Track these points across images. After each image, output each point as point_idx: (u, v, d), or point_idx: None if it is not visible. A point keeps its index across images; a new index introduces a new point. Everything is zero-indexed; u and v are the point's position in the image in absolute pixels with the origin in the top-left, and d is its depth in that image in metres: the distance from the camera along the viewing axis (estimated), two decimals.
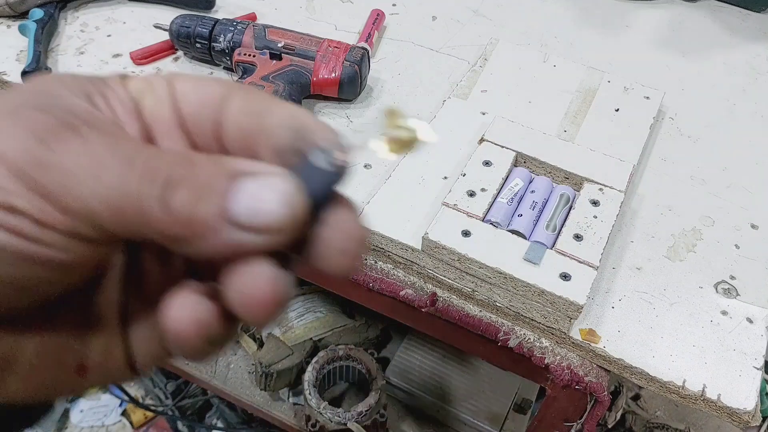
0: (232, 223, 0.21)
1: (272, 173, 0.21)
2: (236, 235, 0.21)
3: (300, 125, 0.23)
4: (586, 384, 0.49)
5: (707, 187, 0.62)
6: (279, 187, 0.21)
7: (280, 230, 0.21)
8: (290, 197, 0.21)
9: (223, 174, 0.21)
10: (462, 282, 0.52)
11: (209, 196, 0.21)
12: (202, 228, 0.21)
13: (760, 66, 0.77)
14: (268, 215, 0.21)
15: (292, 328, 1.00)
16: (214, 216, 0.20)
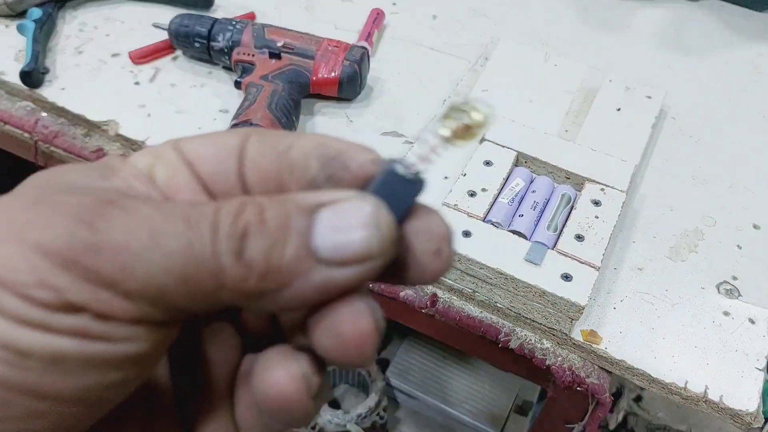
0: (320, 261, 0.19)
1: (349, 198, 0.20)
2: (326, 273, 0.19)
3: (327, 151, 0.21)
4: (587, 385, 0.49)
5: (709, 187, 0.62)
6: (361, 210, 0.19)
7: (372, 256, 0.19)
8: (375, 218, 0.19)
9: (297, 210, 0.19)
10: (462, 283, 0.52)
11: (289, 236, 0.19)
12: (287, 274, 0.18)
13: (762, 65, 0.76)
14: (357, 243, 0.19)
15: None
16: (298, 257, 0.18)
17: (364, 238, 0.19)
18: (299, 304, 0.19)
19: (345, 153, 0.21)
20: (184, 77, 0.68)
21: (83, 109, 0.63)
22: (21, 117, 0.65)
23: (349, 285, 0.19)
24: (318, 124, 0.64)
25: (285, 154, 0.21)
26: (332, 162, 0.21)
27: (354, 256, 0.19)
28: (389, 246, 0.20)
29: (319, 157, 0.21)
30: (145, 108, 0.64)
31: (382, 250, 0.19)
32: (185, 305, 0.18)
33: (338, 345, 0.19)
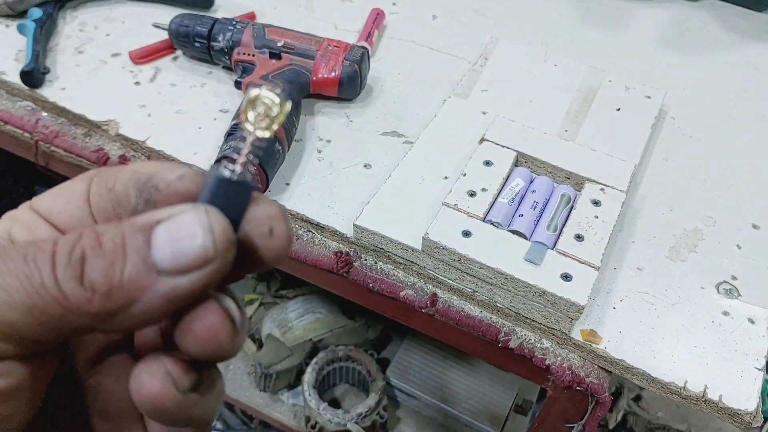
0: (162, 272, 0.20)
1: (180, 210, 0.21)
2: (170, 283, 0.20)
3: (140, 177, 0.23)
4: (587, 385, 0.49)
5: (709, 187, 0.62)
6: (193, 219, 0.21)
7: (210, 259, 0.20)
8: (207, 223, 0.21)
9: (132, 229, 0.20)
10: (462, 282, 0.52)
11: (128, 254, 0.20)
12: (131, 290, 0.20)
13: (761, 65, 0.76)
14: (194, 249, 0.20)
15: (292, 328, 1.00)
16: (138, 272, 0.20)
17: (200, 243, 0.20)
18: (152, 318, 0.20)
19: (155, 175, 0.23)
20: (184, 77, 0.68)
21: (83, 109, 0.63)
22: (21, 117, 0.65)
23: (195, 290, 0.20)
24: (318, 124, 0.64)
25: (113, 189, 0.23)
26: (145, 187, 0.23)
27: (193, 262, 0.20)
28: (226, 247, 0.21)
29: (135, 184, 0.23)
30: (146, 108, 0.64)
31: (218, 252, 0.21)
32: (38, 335, 0.20)
33: (194, 342, 0.21)
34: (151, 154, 0.61)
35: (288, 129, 0.58)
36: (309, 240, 0.56)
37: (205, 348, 0.21)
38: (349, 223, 0.55)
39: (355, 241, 0.55)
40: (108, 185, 0.23)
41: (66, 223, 0.23)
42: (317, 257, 0.55)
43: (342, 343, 0.99)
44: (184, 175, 0.23)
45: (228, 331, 0.21)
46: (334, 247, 0.56)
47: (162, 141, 0.61)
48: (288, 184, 0.58)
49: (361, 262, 0.55)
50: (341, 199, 0.57)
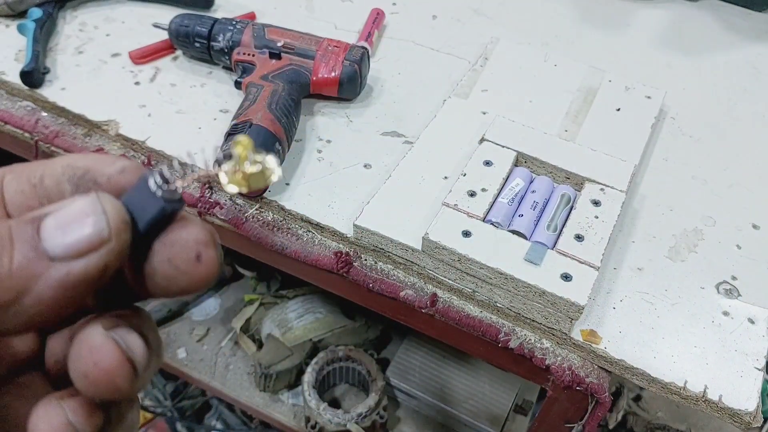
0: (55, 258, 0.19)
1: (72, 200, 0.20)
2: (64, 268, 0.19)
3: (75, 171, 0.22)
4: (587, 385, 0.49)
5: (709, 187, 0.62)
6: (83, 205, 0.20)
7: (105, 239, 0.20)
8: (99, 205, 0.20)
9: (18, 223, 0.20)
10: (462, 282, 0.52)
11: (16, 244, 0.19)
12: (21, 279, 0.19)
13: (761, 65, 0.76)
14: (87, 229, 0.19)
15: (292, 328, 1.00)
16: (28, 259, 0.19)
17: (92, 223, 0.20)
18: (48, 309, 0.19)
19: (93, 169, 0.22)
20: (184, 77, 0.68)
21: (83, 109, 0.63)
22: (21, 117, 0.65)
23: (93, 274, 0.20)
24: (318, 124, 0.64)
25: (39, 185, 0.22)
26: (82, 181, 0.21)
27: (87, 244, 0.19)
28: (121, 227, 0.20)
29: (70, 178, 0.22)
30: (146, 108, 0.64)
31: (113, 231, 0.20)
32: None
33: (88, 386, 0.20)
34: (151, 154, 0.61)
35: (288, 129, 0.58)
36: (309, 240, 0.56)
37: (100, 392, 0.20)
38: (349, 223, 0.55)
39: (355, 241, 0.55)
40: (31, 181, 0.22)
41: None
42: (317, 257, 0.55)
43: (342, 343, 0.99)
44: (125, 167, 0.22)
45: (126, 375, 0.20)
46: (334, 247, 0.56)
47: (162, 141, 0.61)
48: (288, 184, 0.58)
49: (361, 262, 0.55)
50: (341, 199, 0.57)
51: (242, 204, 0.58)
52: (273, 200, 0.57)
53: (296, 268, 0.57)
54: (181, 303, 1.10)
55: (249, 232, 0.56)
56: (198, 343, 1.06)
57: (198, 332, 1.07)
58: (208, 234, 0.22)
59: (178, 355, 1.04)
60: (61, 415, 0.21)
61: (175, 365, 1.03)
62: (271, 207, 0.57)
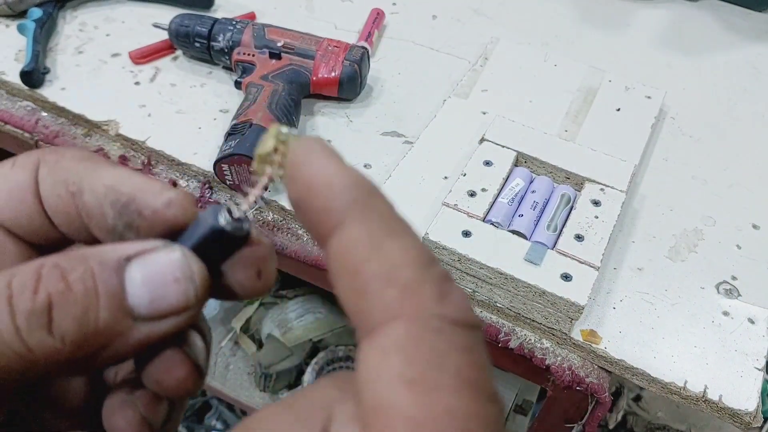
0: (137, 318, 0.19)
1: (152, 247, 0.19)
2: (145, 329, 0.19)
3: (119, 196, 0.20)
4: (587, 385, 0.49)
5: (709, 187, 0.62)
6: (171, 262, 0.19)
7: (188, 307, 0.19)
8: (188, 270, 0.19)
9: (103, 269, 0.18)
10: (462, 282, 0.52)
11: (101, 299, 0.18)
12: (105, 338, 0.18)
13: (761, 65, 0.76)
14: (173, 296, 0.19)
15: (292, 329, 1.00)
16: (115, 319, 0.18)
17: (181, 291, 0.19)
18: (121, 361, 0.19)
19: (137, 199, 0.20)
20: (184, 77, 0.68)
21: (83, 109, 0.63)
22: (21, 117, 0.65)
23: (168, 335, 0.19)
24: (318, 124, 0.64)
25: (79, 197, 0.21)
26: (126, 210, 0.20)
27: (173, 310, 0.19)
28: (204, 294, 0.20)
29: (113, 203, 0.20)
30: (146, 108, 0.64)
31: (197, 299, 0.20)
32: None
33: (162, 390, 0.20)
34: (151, 154, 0.61)
35: None
36: (309, 240, 0.56)
37: (171, 395, 0.21)
38: None
39: None
40: (70, 188, 0.21)
41: (11, 220, 0.21)
42: (317, 257, 0.55)
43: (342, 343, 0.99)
44: (172, 201, 0.21)
45: (194, 380, 0.20)
46: None
47: (162, 141, 0.61)
48: None
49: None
50: None
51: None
52: (273, 200, 0.57)
53: (296, 268, 0.57)
54: None
55: None
56: None
57: None
58: (268, 250, 0.22)
59: None
60: (136, 411, 0.21)
61: None
62: (271, 207, 0.57)
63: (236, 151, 0.53)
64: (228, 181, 0.56)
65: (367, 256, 0.16)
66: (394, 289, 0.15)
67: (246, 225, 0.21)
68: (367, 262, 0.16)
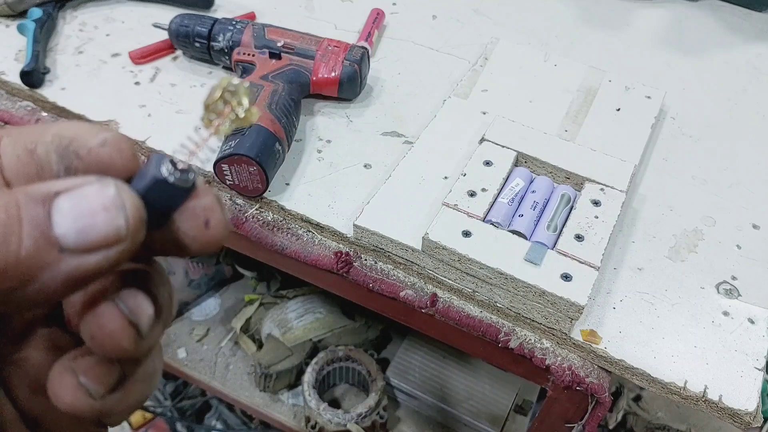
0: (65, 250, 0.18)
1: (84, 182, 0.19)
2: (74, 262, 0.18)
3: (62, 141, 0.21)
4: (587, 385, 0.49)
5: (709, 187, 0.62)
6: (103, 193, 0.19)
7: (121, 239, 0.19)
8: (119, 200, 0.19)
9: (28, 199, 0.18)
10: (462, 283, 0.52)
11: (25, 227, 0.18)
12: (29, 268, 0.18)
13: (761, 65, 0.76)
14: (103, 226, 0.18)
15: (292, 328, 1.00)
16: (38, 248, 0.18)
17: (110, 220, 0.18)
18: (50, 298, 0.19)
19: (75, 139, 0.21)
20: (184, 77, 0.68)
21: (83, 109, 0.63)
22: (21, 117, 0.65)
23: (101, 270, 0.19)
24: (318, 124, 0.64)
25: (34, 152, 0.21)
26: (66, 152, 0.21)
27: (102, 240, 0.18)
28: (137, 226, 0.19)
29: (57, 148, 0.21)
30: (146, 108, 0.64)
31: (130, 231, 0.19)
32: None
33: (96, 346, 0.20)
34: (151, 154, 0.61)
35: (288, 129, 0.58)
36: (309, 240, 0.56)
37: (106, 353, 0.20)
38: (349, 223, 0.55)
39: (355, 241, 0.55)
40: (27, 146, 0.21)
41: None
42: (317, 257, 0.55)
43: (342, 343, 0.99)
44: (107, 140, 0.21)
45: (130, 337, 0.20)
46: (334, 247, 0.56)
47: (162, 141, 0.61)
48: (288, 184, 0.58)
49: (361, 262, 0.55)
50: (341, 199, 0.57)
51: (242, 204, 0.58)
52: (273, 200, 0.57)
53: (296, 268, 0.57)
54: (181, 303, 1.10)
55: (249, 232, 0.56)
56: (198, 343, 1.06)
57: (198, 332, 1.07)
58: (214, 199, 0.22)
59: (178, 355, 1.04)
60: (74, 377, 0.21)
61: (175, 365, 1.03)
62: (271, 207, 0.57)
63: (236, 151, 0.53)
64: (228, 181, 0.56)
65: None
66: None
67: (191, 176, 0.21)
68: None
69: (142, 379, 0.23)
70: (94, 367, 0.21)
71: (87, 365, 0.21)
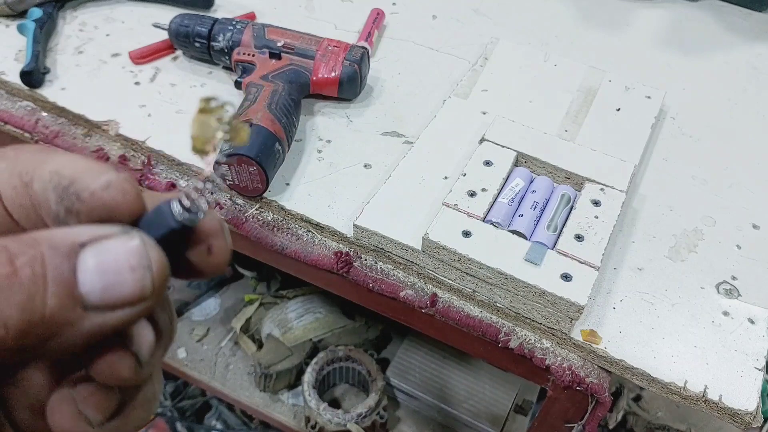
0: (89, 308, 0.18)
1: (107, 233, 0.18)
2: (97, 320, 0.18)
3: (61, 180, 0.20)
4: (587, 385, 0.49)
5: (709, 187, 0.62)
6: (129, 250, 0.18)
7: (144, 297, 0.18)
8: (145, 258, 0.18)
9: (53, 253, 0.18)
10: (462, 282, 0.52)
11: (49, 285, 0.17)
12: (52, 326, 0.17)
13: (761, 65, 0.76)
14: (129, 286, 0.18)
15: (292, 328, 1.00)
16: (63, 307, 0.17)
17: (136, 280, 0.18)
18: (70, 352, 0.18)
19: (76, 181, 0.20)
20: (184, 77, 0.68)
21: (83, 109, 0.63)
22: (21, 117, 0.65)
23: (122, 326, 0.19)
24: (318, 124, 0.64)
25: (30, 186, 0.20)
26: (65, 193, 0.20)
27: (128, 300, 0.18)
28: (161, 284, 0.19)
29: (55, 188, 0.20)
30: (146, 108, 0.64)
31: (154, 289, 0.19)
32: None
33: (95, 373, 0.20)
34: (151, 154, 0.61)
35: (288, 129, 0.58)
36: (309, 240, 0.56)
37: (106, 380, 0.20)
38: (349, 223, 0.55)
39: (355, 241, 0.55)
40: (24, 179, 0.20)
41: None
42: (317, 257, 0.55)
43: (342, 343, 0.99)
44: (110, 183, 0.20)
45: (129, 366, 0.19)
46: (334, 247, 0.56)
47: (162, 141, 0.61)
48: (288, 184, 0.58)
49: (361, 262, 0.55)
50: (341, 199, 0.57)
51: (242, 204, 0.58)
52: (273, 200, 0.57)
53: (296, 268, 0.57)
54: (181, 303, 1.10)
55: (249, 232, 0.56)
56: (198, 343, 1.06)
57: (198, 332, 1.07)
58: (218, 225, 0.22)
59: (178, 355, 1.04)
60: (73, 405, 0.20)
61: (175, 365, 1.03)
62: (271, 207, 0.57)
63: (236, 150, 0.53)
64: (228, 182, 0.56)
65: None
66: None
67: (200, 215, 0.21)
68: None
69: (141, 405, 0.22)
70: (93, 394, 0.21)
71: (86, 393, 0.21)
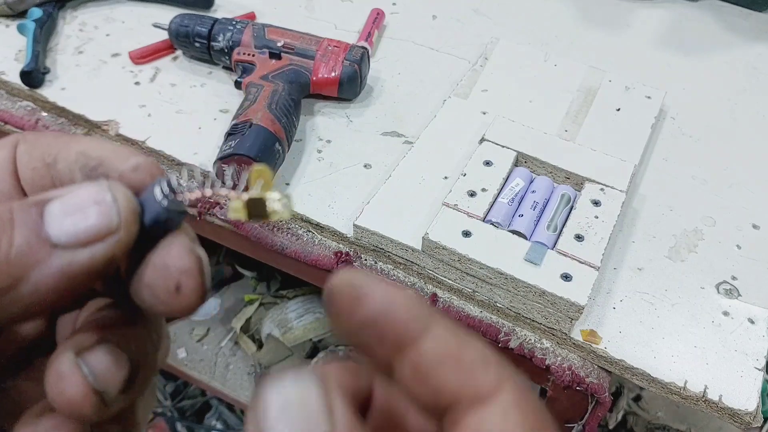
0: (57, 246, 0.18)
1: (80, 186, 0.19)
2: (67, 257, 0.18)
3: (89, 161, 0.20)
4: (587, 385, 0.49)
5: (709, 187, 0.62)
6: (92, 190, 0.19)
7: (113, 229, 0.19)
8: (109, 193, 0.19)
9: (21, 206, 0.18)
10: (462, 283, 0.52)
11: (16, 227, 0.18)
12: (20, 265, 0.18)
13: (761, 66, 0.76)
14: (94, 217, 0.18)
15: (292, 328, 1.00)
16: (29, 245, 0.18)
17: (101, 212, 0.18)
18: (45, 299, 0.18)
19: (105, 163, 0.20)
20: (184, 77, 0.68)
21: (83, 109, 0.63)
22: (21, 117, 0.65)
23: (95, 265, 0.19)
24: (318, 124, 0.64)
25: (53, 167, 0.21)
26: (93, 173, 0.20)
27: (94, 233, 0.18)
28: (130, 217, 0.19)
29: (82, 167, 0.20)
30: (146, 108, 0.64)
31: (122, 221, 0.19)
32: None
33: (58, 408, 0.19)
34: (151, 154, 0.61)
35: (288, 129, 0.58)
36: (309, 240, 0.56)
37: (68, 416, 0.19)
38: (349, 223, 0.55)
39: (355, 241, 0.55)
40: (46, 159, 0.21)
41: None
42: (317, 257, 0.55)
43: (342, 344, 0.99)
44: (139, 165, 0.21)
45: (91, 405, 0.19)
46: (334, 247, 0.56)
47: (162, 141, 0.61)
48: (288, 184, 0.58)
49: (361, 262, 0.55)
50: (341, 199, 0.57)
51: None
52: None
53: (296, 268, 0.57)
54: None
55: (249, 232, 0.56)
56: (198, 343, 1.06)
57: (198, 332, 1.07)
58: (193, 261, 0.20)
59: (178, 355, 1.04)
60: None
61: (175, 365, 1.03)
62: None
63: (236, 151, 0.53)
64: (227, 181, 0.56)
65: (462, 345, 0.19)
66: (493, 366, 0.19)
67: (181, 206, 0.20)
68: (465, 350, 0.19)
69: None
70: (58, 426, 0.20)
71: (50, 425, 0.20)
